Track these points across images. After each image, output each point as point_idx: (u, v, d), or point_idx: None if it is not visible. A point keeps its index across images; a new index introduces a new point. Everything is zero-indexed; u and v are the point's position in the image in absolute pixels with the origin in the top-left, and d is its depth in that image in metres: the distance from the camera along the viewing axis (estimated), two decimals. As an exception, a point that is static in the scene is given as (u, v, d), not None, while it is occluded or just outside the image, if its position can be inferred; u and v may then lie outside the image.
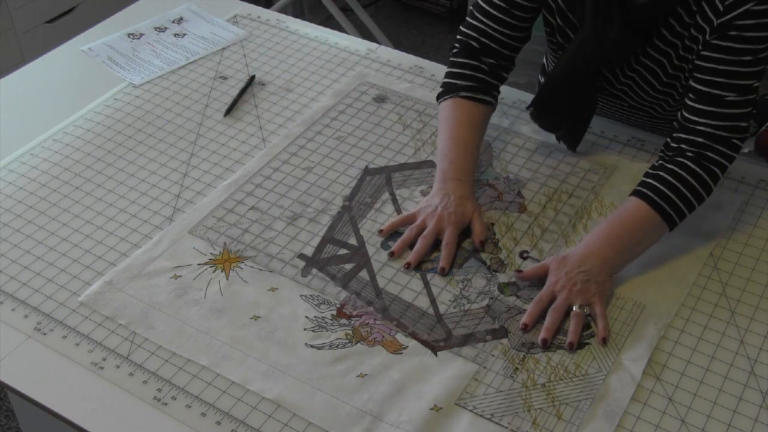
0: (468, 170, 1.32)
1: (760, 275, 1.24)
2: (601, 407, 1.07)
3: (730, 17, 1.17)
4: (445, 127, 1.36)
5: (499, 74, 1.40)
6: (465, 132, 1.35)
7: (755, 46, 1.18)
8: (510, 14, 1.35)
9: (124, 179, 1.40)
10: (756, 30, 1.17)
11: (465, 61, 1.38)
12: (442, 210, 1.27)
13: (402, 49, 1.78)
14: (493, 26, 1.36)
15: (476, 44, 1.37)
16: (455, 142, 1.34)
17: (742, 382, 1.10)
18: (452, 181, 1.30)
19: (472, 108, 1.37)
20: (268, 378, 1.10)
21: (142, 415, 1.06)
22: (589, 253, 1.19)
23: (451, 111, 1.37)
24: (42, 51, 1.75)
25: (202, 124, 1.52)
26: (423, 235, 1.26)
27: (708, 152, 1.23)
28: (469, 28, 1.39)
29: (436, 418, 1.06)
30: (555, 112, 1.40)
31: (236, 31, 1.76)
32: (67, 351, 1.14)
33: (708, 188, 1.24)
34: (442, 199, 1.28)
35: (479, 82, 1.38)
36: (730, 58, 1.19)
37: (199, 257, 1.26)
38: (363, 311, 1.19)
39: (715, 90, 1.21)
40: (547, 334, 1.14)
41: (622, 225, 1.22)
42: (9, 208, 1.35)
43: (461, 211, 1.27)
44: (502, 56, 1.38)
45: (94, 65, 1.68)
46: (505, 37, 1.37)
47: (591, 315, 1.17)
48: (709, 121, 1.22)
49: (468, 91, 1.37)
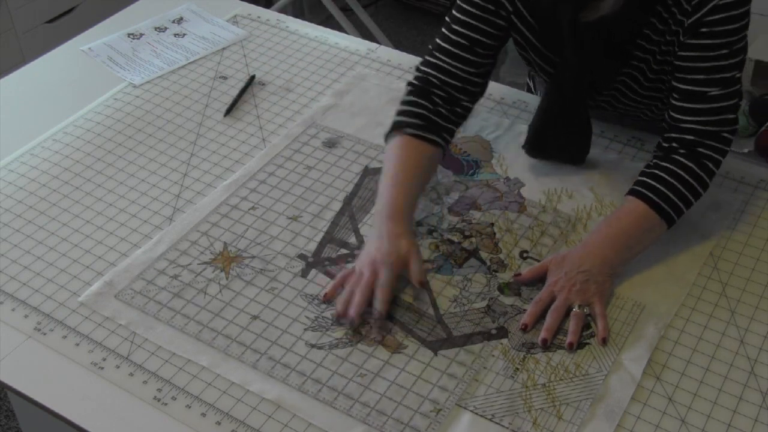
0: (403, 209, 1.24)
1: (760, 275, 1.24)
2: (601, 407, 1.07)
3: (699, 16, 1.18)
4: (387, 166, 1.30)
5: (455, 113, 1.33)
6: (405, 172, 1.28)
7: (729, 39, 1.19)
8: (472, 51, 1.30)
9: (124, 179, 1.40)
10: (726, 23, 1.18)
11: (416, 100, 1.32)
12: (376, 253, 1.19)
13: (402, 49, 1.78)
14: (454, 64, 1.31)
15: (435, 80, 1.32)
16: (393, 181, 1.27)
17: (742, 382, 1.10)
18: (386, 221, 1.22)
19: (417, 146, 1.30)
20: (268, 378, 1.10)
21: (142, 415, 1.07)
22: (588, 253, 1.19)
23: (394, 149, 1.30)
24: (42, 51, 1.75)
25: (202, 124, 1.52)
26: (360, 287, 1.17)
27: (699, 148, 1.23)
28: (428, 66, 1.33)
29: (437, 418, 1.06)
30: (552, 145, 1.39)
31: (236, 31, 1.76)
32: (67, 351, 1.14)
33: (704, 184, 1.24)
34: (375, 243, 1.21)
35: (428, 121, 1.31)
36: (707, 55, 1.20)
37: (199, 257, 1.26)
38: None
39: (698, 87, 1.22)
40: (547, 334, 1.14)
41: (620, 224, 1.22)
42: (9, 208, 1.35)
43: (395, 251, 1.19)
44: (462, 92, 1.33)
45: (94, 65, 1.68)
46: (467, 74, 1.32)
47: (591, 315, 1.17)
48: (695, 118, 1.23)
49: (414, 129, 1.30)
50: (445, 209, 1.35)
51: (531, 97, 1.56)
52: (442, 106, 1.32)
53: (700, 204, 1.26)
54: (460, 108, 1.34)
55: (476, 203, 1.36)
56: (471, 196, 1.37)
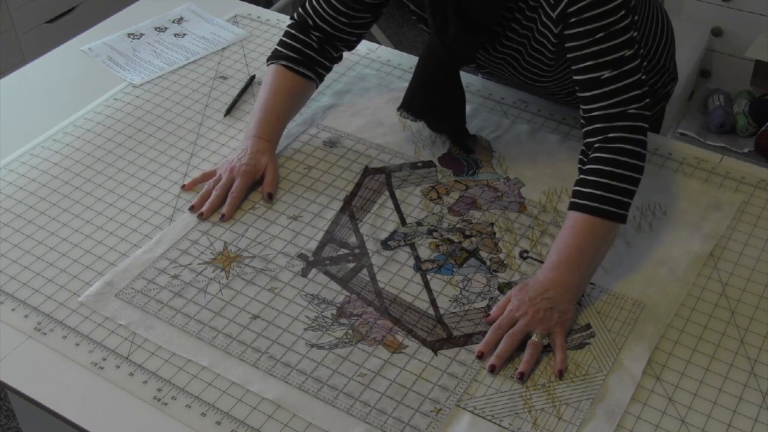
0: (270, 130, 1.39)
1: (760, 275, 1.24)
2: (601, 407, 1.07)
3: (562, 8, 1.19)
4: (261, 91, 1.43)
5: (327, 53, 1.45)
6: (276, 99, 1.41)
7: (601, 22, 1.18)
8: (344, 3, 1.39)
9: (124, 179, 1.40)
10: (591, 9, 1.18)
11: (296, 34, 1.44)
12: (236, 162, 1.35)
13: (402, 49, 1.78)
14: (327, 11, 1.41)
15: (311, 22, 1.43)
16: (264, 105, 1.40)
17: (742, 382, 1.10)
18: (252, 139, 1.38)
19: (290, 79, 1.42)
20: (268, 378, 1.10)
21: (142, 415, 1.06)
22: (551, 280, 1.15)
23: (270, 77, 1.43)
24: (42, 51, 1.75)
25: (202, 124, 1.52)
26: (216, 187, 1.33)
27: (611, 133, 1.20)
28: (309, 5, 1.43)
29: (437, 418, 1.06)
30: (431, 111, 1.42)
31: (236, 31, 1.76)
32: (67, 351, 1.14)
33: (632, 167, 1.19)
34: (238, 154, 1.36)
35: (304, 56, 1.43)
36: (585, 41, 1.20)
37: (199, 256, 1.26)
38: (363, 311, 1.19)
39: (589, 74, 1.21)
40: (497, 361, 1.10)
41: (572, 245, 1.17)
42: (9, 208, 1.35)
43: (254, 162, 1.35)
44: (333, 38, 1.44)
45: (94, 65, 1.67)
46: (339, 23, 1.42)
47: (551, 345, 1.12)
48: (597, 104, 1.22)
49: (289, 62, 1.42)
50: (445, 209, 1.35)
51: (531, 98, 1.57)
52: (317, 44, 1.44)
53: (700, 204, 1.25)
54: (333, 50, 1.46)
55: (476, 203, 1.36)
56: (471, 196, 1.37)
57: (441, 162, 1.43)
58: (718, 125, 2.60)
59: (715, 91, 2.70)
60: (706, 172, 1.41)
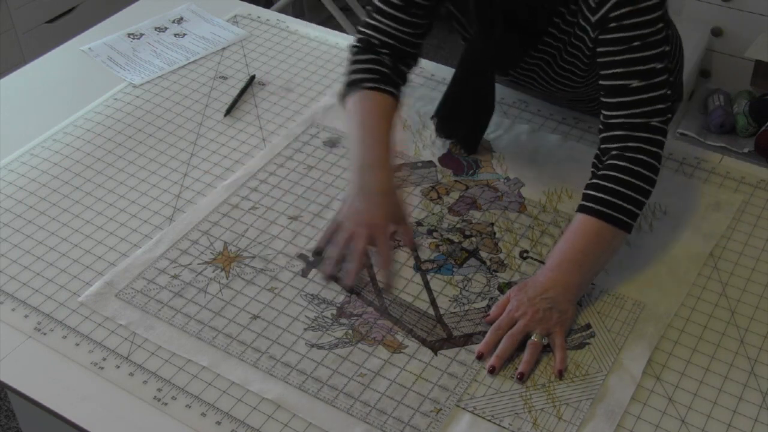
0: (381, 155, 1.27)
1: (760, 275, 1.24)
2: (601, 407, 1.07)
3: (603, 12, 1.19)
4: (355, 120, 1.32)
5: (400, 71, 1.37)
6: (375, 120, 1.31)
7: (640, 32, 1.18)
8: (407, 12, 1.33)
9: (124, 179, 1.40)
10: (633, 16, 1.18)
11: (365, 57, 1.36)
12: (367, 214, 1.21)
13: (402, 49, 1.78)
14: (391, 24, 1.34)
15: (376, 41, 1.35)
16: (367, 129, 1.29)
17: (742, 382, 1.10)
18: (369, 171, 1.24)
19: (379, 98, 1.33)
20: (268, 378, 1.10)
21: (142, 415, 1.07)
22: (551, 280, 1.15)
23: (357, 104, 1.33)
24: (42, 51, 1.75)
25: (202, 124, 1.52)
26: (355, 254, 1.20)
27: (630, 143, 1.20)
28: (368, 27, 1.37)
29: (437, 417, 1.06)
30: (457, 118, 1.41)
31: (236, 31, 1.76)
32: (67, 351, 1.14)
33: (646, 178, 1.20)
34: (362, 199, 1.23)
35: (382, 75, 1.34)
36: (620, 48, 1.19)
37: (199, 256, 1.26)
38: (363, 311, 1.19)
39: (618, 81, 1.21)
40: (497, 361, 1.10)
41: (575, 246, 1.17)
42: (9, 208, 1.35)
43: (388, 212, 1.23)
44: (402, 53, 1.37)
45: (94, 65, 1.68)
46: (405, 35, 1.35)
47: (550, 345, 1.12)
48: (621, 111, 1.21)
49: (372, 83, 1.33)
50: (445, 209, 1.35)
51: (531, 98, 1.56)
52: (390, 62, 1.36)
53: (700, 204, 1.25)
54: (404, 66, 1.38)
55: (476, 203, 1.36)
56: (471, 196, 1.37)
57: (441, 162, 1.43)
58: (718, 125, 2.60)
59: (715, 91, 2.70)
60: (706, 172, 1.41)
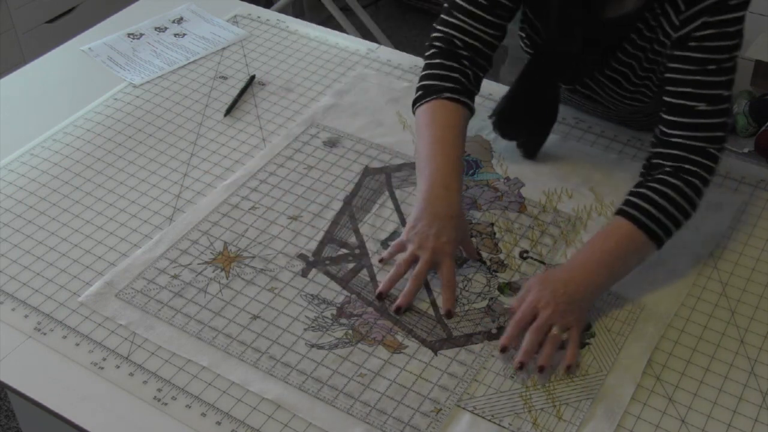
0: (454, 177, 1.23)
1: (760, 275, 1.24)
2: (601, 407, 1.07)
3: (687, 30, 1.18)
4: (428, 131, 1.26)
5: (477, 77, 1.33)
6: (451, 135, 1.26)
7: (717, 56, 1.17)
8: (492, 13, 1.29)
9: (124, 179, 1.40)
10: (715, 40, 1.17)
11: (445, 63, 1.30)
12: (435, 239, 1.18)
13: (402, 49, 1.78)
14: (475, 25, 1.29)
15: (459, 42, 1.29)
16: (441, 146, 1.24)
17: (742, 382, 1.10)
18: (439, 192, 1.21)
19: (456, 110, 1.28)
20: (268, 378, 1.10)
21: (142, 415, 1.07)
22: (573, 275, 1.14)
23: (432, 114, 1.28)
24: (42, 51, 1.74)
25: (202, 124, 1.52)
26: (415, 275, 1.18)
27: (686, 164, 1.19)
28: (449, 26, 1.30)
29: (437, 417, 1.06)
30: (516, 122, 1.40)
31: (236, 31, 1.76)
32: (67, 351, 1.14)
33: (691, 202, 1.20)
34: (429, 221, 1.19)
35: (462, 85, 1.29)
36: (694, 68, 1.18)
37: (199, 256, 1.26)
38: (363, 311, 1.19)
39: (684, 101, 1.19)
40: (525, 357, 1.09)
41: (606, 245, 1.17)
42: (9, 208, 1.35)
43: (454, 238, 1.20)
44: (483, 56, 1.31)
45: (94, 65, 1.68)
46: (488, 36, 1.30)
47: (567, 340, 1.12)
48: (682, 132, 1.20)
49: (451, 93, 1.28)
50: (445, 209, 1.34)
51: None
52: (470, 69, 1.30)
53: (700, 204, 1.25)
54: (482, 72, 1.33)
55: (476, 203, 1.36)
56: (471, 196, 1.37)
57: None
58: (718, 125, 2.60)
59: (716, 91, 2.69)
60: (706, 172, 1.41)
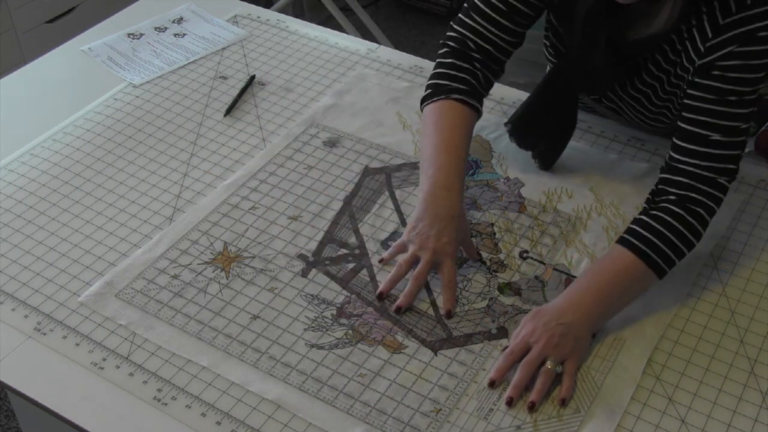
0: (457, 178, 1.23)
1: (760, 275, 1.24)
2: (601, 407, 1.07)
3: (712, 59, 1.15)
4: (433, 131, 1.27)
5: (489, 81, 1.33)
6: (456, 136, 1.26)
7: (740, 88, 1.15)
8: (510, 19, 1.28)
9: (124, 179, 1.40)
10: (740, 71, 1.14)
11: (457, 63, 1.30)
12: (435, 240, 1.18)
13: (402, 49, 1.78)
14: (491, 29, 1.28)
15: (472, 45, 1.30)
16: (445, 146, 1.24)
17: (742, 382, 1.10)
18: (440, 193, 1.21)
19: (464, 111, 1.28)
20: (268, 378, 1.10)
21: (142, 415, 1.07)
22: (569, 305, 1.11)
23: (440, 113, 1.28)
24: (42, 51, 1.74)
25: (202, 124, 1.52)
26: (416, 275, 1.18)
27: (693, 193, 1.17)
28: (465, 27, 1.30)
29: (437, 418, 1.06)
30: (532, 131, 1.38)
31: (236, 31, 1.76)
32: (67, 351, 1.14)
33: (695, 233, 1.17)
34: (430, 221, 1.19)
35: (471, 86, 1.29)
36: (714, 98, 1.16)
37: (199, 257, 1.26)
38: (363, 311, 1.19)
39: (700, 129, 1.17)
40: (514, 392, 1.06)
41: (604, 275, 1.14)
42: (9, 208, 1.35)
43: (455, 239, 1.20)
44: (496, 61, 1.31)
45: (94, 65, 1.68)
46: (503, 42, 1.30)
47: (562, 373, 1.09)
48: (693, 160, 1.17)
49: (460, 94, 1.28)
50: (445, 209, 1.34)
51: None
52: (481, 71, 1.30)
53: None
54: (494, 76, 1.33)
55: (476, 203, 1.36)
56: (471, 196, 1.37)
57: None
58: (718, 125, 2.60)
59: (715, 91, 2.69)
60: (706, 172, 1.41)
